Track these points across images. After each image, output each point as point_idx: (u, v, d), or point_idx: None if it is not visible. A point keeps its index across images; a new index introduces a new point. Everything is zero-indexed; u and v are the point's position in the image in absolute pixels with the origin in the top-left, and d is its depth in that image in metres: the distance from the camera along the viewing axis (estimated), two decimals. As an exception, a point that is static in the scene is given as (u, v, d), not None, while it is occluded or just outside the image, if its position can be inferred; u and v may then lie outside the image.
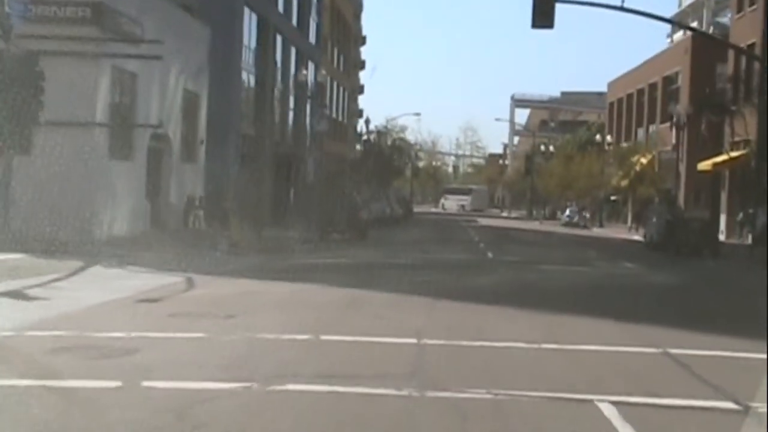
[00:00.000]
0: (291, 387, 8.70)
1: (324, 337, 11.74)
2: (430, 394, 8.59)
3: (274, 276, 20.31)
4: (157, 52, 28.16)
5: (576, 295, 19.21)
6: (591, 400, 8.52)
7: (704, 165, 50.17)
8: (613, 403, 8.38)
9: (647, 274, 26.62)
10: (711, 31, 64.75)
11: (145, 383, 8.67)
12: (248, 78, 47.48)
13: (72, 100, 25.77)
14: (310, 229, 37.31)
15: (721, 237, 43.57)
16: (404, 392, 8.61)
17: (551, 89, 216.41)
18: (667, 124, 60.32)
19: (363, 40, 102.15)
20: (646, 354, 11.49)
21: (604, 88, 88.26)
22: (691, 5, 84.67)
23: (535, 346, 11.71)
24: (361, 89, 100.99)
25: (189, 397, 8.18)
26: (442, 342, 11.64)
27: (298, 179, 54.09)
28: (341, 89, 77.27)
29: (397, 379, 9.12)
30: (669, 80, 64.62)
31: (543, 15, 29.80)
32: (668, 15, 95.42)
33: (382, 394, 8.53)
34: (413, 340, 11.69)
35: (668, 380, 9.88)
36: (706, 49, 54.68)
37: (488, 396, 8.59)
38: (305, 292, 17.04)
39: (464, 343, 11.61)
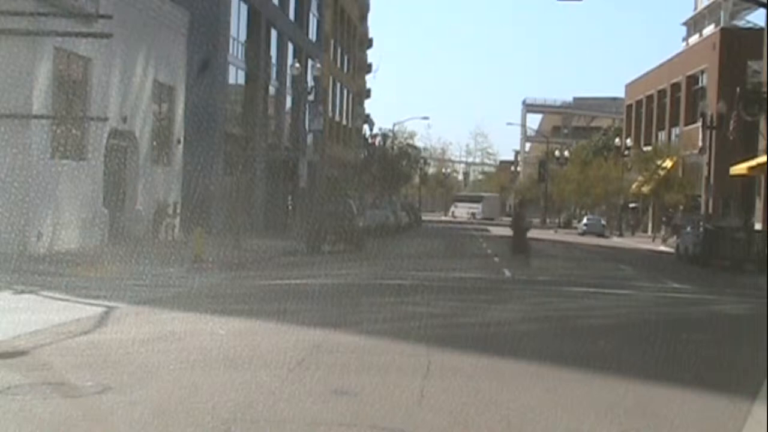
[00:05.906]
0: None
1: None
2: None
3: (223, 305, 15.28)
4: (109, 31, 23.67)
5: (640, 340, 13.14)
6: None
7: (738, 169, 45.75)
8: None
9: (710, 299, 21.28)
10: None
11: None
12: (237, 73, 43.38)
13: (3, 86, 21.43)
14: (299, 239, 32.87)
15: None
16: None
17: (563, 94, 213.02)
18: (692, 126, 56.58)
19: (369, 43, 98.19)
20: None
21: (617, 93, 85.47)
22: (707, 7, 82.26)
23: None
24: (367, 93, 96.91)
25: None
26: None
27: (298, 185, 49.75)
28: (346, 92, 73.91)
29: None
30: (693, 79, 60.76)
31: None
32: (684, 18, 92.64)
33: None
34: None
35: None
36: (737, 44, 52.04)
37: None
38: (249, 335, 12.18)
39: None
